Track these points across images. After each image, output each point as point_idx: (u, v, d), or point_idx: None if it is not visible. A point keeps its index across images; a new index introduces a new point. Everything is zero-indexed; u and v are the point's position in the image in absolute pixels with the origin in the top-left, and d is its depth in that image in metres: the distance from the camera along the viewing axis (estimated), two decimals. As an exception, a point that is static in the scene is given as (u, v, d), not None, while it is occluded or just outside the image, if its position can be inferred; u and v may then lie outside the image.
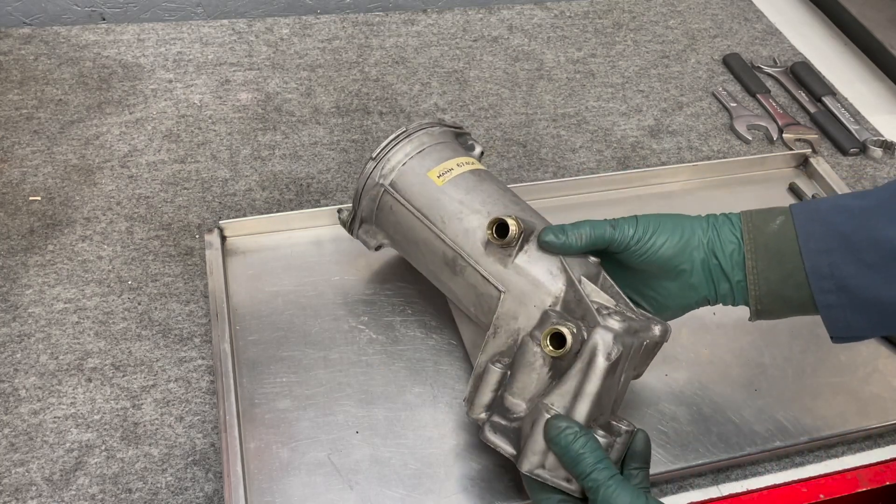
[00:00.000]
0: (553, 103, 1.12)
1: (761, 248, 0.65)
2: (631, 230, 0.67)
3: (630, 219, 0.68)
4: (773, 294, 0.66)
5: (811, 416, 0.77)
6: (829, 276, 0.63)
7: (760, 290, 0.66)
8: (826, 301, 0.64)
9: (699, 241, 0.67)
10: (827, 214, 0.64)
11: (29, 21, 1.19)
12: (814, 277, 0.63)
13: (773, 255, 0.65)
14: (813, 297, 0.64)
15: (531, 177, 1.00)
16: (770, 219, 0.66)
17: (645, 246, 0.67)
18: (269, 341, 0.79)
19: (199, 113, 1.05)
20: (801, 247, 0.64)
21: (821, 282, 0.63)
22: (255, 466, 0.70)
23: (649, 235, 0.67)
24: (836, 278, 0.63)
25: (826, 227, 0.64)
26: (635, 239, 0.67)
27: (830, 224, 0.64)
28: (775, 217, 0.66)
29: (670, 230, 0.67)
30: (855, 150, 1.08)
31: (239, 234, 0.88)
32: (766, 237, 0.65)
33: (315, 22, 1.22)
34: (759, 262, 0.65)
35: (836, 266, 0.63)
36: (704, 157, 1.06)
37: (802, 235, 0.64)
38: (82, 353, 0.78)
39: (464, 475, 0.70)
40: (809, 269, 0.63)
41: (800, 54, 1.25)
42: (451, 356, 0.79)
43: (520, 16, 1.28)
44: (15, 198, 0.92)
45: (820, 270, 0.63)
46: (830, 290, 0.63)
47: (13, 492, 0.68)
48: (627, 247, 0.67)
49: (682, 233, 0.67)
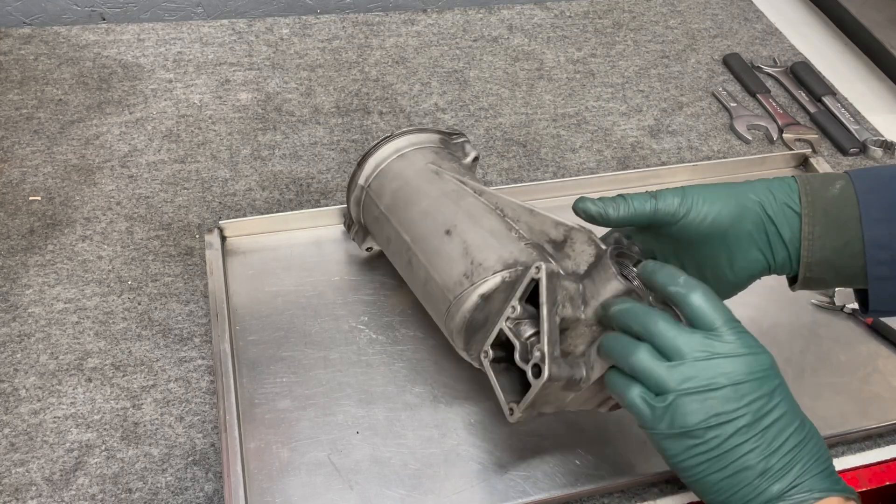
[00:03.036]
0: (553, 103, 1.12)
1: (819, 212, 0.62)
2: (677, 200, 0.62)
3: (675, 189, 0.64)
4: (826, 262, 0.62)
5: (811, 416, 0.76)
6: (887, 245, 0.60)
7: (814, 258, 0.62)
8: (878, 273, 0.61)
9: (755, 208, 0.63)
10: (890, 181, 0.62)
11: (29, 21, 1.19)
12: (871, 247, 0.61)
13: (831, 220, 0.62)
14: (864, 267, 0.61)
15: (531, 177, 1.00)
16: (829, 183, 0.63)
17: (699, 216, 0.62)
18: (269, 341, 0.79)
19: (199, 113, 1.05)
20: (862, 214, 0.61)
21: (878, 252, 0.61)
22: (255, 466, 0.70)
23: (700, 204, 0.62)
24: (893, 249, 0.60)
25: (889, 194, 0.61)
26: (684, 209, 0.62)
27: (893, 192, 0.61)
28: (835, 181, 0.63)
29: (723, 198, 0.62)
30: (855, 150, 1.08)
31: (239, 234, 0.88)
32: (825, 202, 0.62)
33: (315, 22, 1.22)
34: (816, 228, 0.62)
35: (895, 236, 0.60)
36: (704, 157, 1.06)
37: (863, 202, 0.61)
38: (82, 353, 0.78)
39: (464, 475, 0.70)
40: (868, 238, 0.61)
41: (800, 54, 1.25)
42: (451, 356, 0.79)
43: (520, 16, 1.28)
44: (15, 198, 0.92)
45: (879, 240, 0.60)
46: (885, 261, 0.61)
47: (13, 492, 0.68)
48: (676, 218, 0.63)
49: (738, 200, 0.62)
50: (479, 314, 0.67)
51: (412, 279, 0.74)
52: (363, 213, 0.80)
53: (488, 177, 1.00)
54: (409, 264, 0.73)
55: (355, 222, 0.82)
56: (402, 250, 0.74)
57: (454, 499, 0.69)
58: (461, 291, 0.67)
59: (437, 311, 0.71)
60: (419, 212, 0.73)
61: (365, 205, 0.79)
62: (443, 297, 0.69)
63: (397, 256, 0.76)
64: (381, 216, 0.77)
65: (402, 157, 0.78)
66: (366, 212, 0.80)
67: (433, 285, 0.70)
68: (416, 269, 0.72)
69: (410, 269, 0.73)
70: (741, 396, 0.54)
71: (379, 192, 0.77)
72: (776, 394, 0.56)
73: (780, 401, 0.56)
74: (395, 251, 0.76)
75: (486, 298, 0.66)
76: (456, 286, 0.68)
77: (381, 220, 0.77)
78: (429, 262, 0.71)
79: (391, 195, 0.76)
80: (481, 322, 0.67)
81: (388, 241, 0.77)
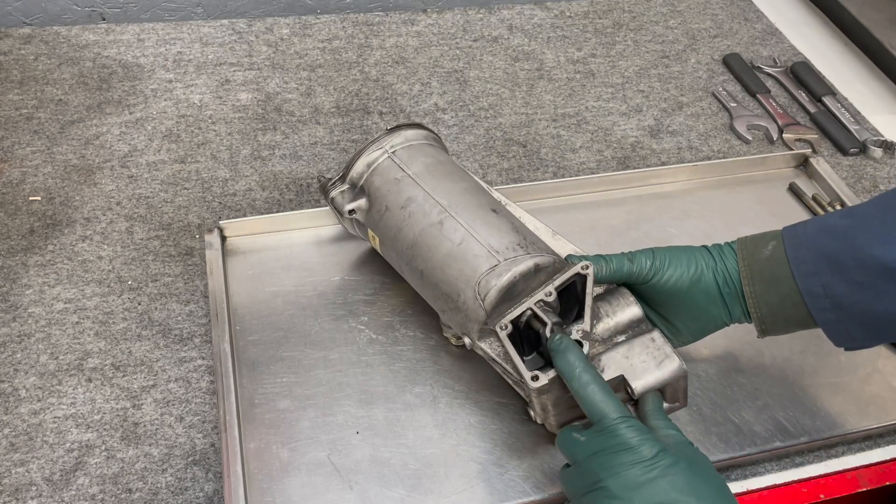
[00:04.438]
0: (553, 103, 1.12)
1: (756, 274, 0.68)
2: (648, 262, 0.70)
3: (647, 251, 0.71)
4: (775, 315, 0.69)
5: (811, 416, 0.77)
6: (822, 295, 0.66)
7: (762, 312, 0.69)
8: (825, 318, 0.67)
9: (710, 271, 0.70)
10: (814, 237, 0.67)
11: (29, 21, 1.19)
12: (809, 298, 0.67)
13: (767, 280, 0.68)
14: (811, 314, 0.67)
15: (531, 177, 1.00)
16: (763, 245, 0.69)
17: (663, 278, 0.69)
18: (269, 341, 0.79)
19: (199, 113, 1.05)
20: (793, 271, 0.67)
21: (816, 301, 0.66)
22: (255, 466, 0.70)
23: (666, 267, 0.70)
24: (830, 297, 0.65)
25: (814, 249, 0.66)
26: (652, 272, 0.69)
27: (818, 246, 0.66)
28: (767, 243, 0.69)
29: (685, 262, 0.70)
30: (855, 150, 1.08)
31: (239, 234, 0.88)
32: (759, 264, 0.68)
33: (315, 22, 1.22)
34: (755, 287, 0.68)
35: (827, 286, 0.65)
36: (704, 157, 1.06)
37: (793, 260, 0.67)
38: (82, 353, 0.78)
39: (464, 475, 0.70)
40: (804, 291, 0.67)
41: (800, 54, 1.25)
42: (451, 356, 0.79)
43: (520, 16, 1.28)
44: (15, 198, 0.92)
45: (813, 291, 0.66)
46: (827, 308, 0.66)
47: (13, 492, 0.68)
48: (646, 280, 0.70)
49: (697, 264, 0.70)
50: (521, 283, 0.68)
51: (437, 239, 0.73)
52: (371, 175, 0.78)
53: (488, 177, 1.00)
54: (438, 224, 0.73)
55: (347, 182, 0.80)
56: (432, 212, 0.73)
57: (454, 499, 0.69)
58: (515, 256, 0.69)
59: (469, 271, 0.70)
60: (460, 188, 0.76)
61: (380, 168, 0.78)
62: (486, 256, 0.70)
63: (419, 217, 0.74)
64: (406, 179, 0.76)
65: (431, 146, 0.80)
66: (377, 174, 0.78)
67: (472, 246, 0.71)
68: (448, 231, 0.72)
69: (440, 228, 0.73)
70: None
71: (407, 161, 0.77)
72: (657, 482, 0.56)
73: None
74: (418, 212, 0.74)
75: (536, 269, 0.69)
76: (507, 250, 0.70)
77: (404, 183, 0.76)
78: (471, 226, 0.72)
79: (424, 166, 0.77)
80: (517, 292, 0.69)
81: (408, 202, 0.75)
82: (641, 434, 0.57)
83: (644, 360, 0.66)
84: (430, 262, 0.73)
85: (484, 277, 0.68)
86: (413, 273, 0.75)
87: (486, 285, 0.68)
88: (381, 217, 0.77)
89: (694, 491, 0.55)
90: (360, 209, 0.78)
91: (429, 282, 0.73)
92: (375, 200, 0.77)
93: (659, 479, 0.55)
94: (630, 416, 0.59)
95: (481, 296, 0.68)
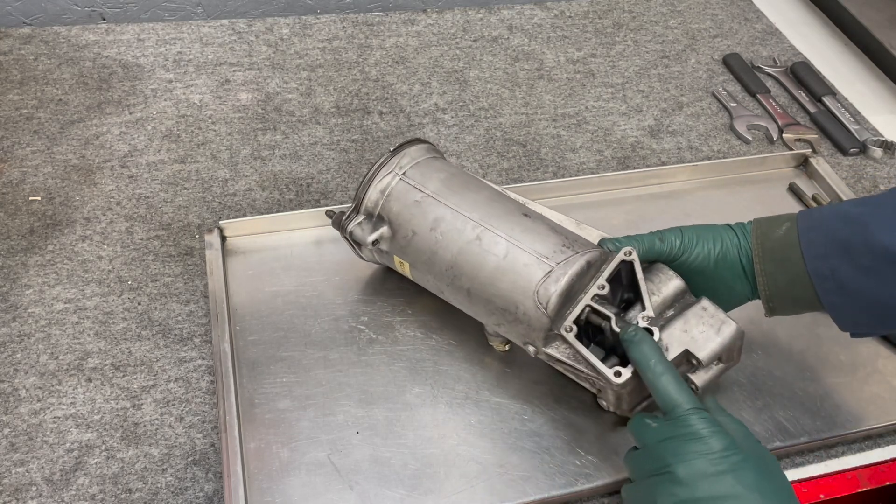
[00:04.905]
0: (553, 103, 1.12)
1: (768, 252, 0.70)
2: (677, 241, 0.72)
3: (675, 230, 0.73)
4: (783, 294, 0.70)
5: (811, 416, 0.77)
6: (829, 278, 0.67)
7: (770, 291, 0.70)
8: (831, 301, 0.68)
9: (734, 248, 0.71)
10: (828, 221, 0.68)
11: (29, 21, 1.19)
12: (816, 279, 0.68)
13: (778, 259, 0.69)
14: (818, 296, 0.68)
15: (531, 177, 1.00)
16: (777, 225, 0.71)
17: (691, 256, 0.71)
18: (269, 341, 0.79)
19: (199, 113, 1.05)
20: (804, 252, 0.68)
21: (823, 283, 0.67)
22: (255, 466, 0.70)
23: (693, 245, 0.71)
24: (837, 280, 0.67)
25: (826, 233, 0.68)
26: (682, 250, 0.71)
27: (830, 230, 0.68)
28: (782, 224, 0.71)
29: (711, 240, 0.72)
30: (855, 150, 1.08)
31: (239, 234, 0.88)
32: (772, 243, 0.70)
33: (315, 22, 1.22)
34: (766, 266, 0.70)
35: (835, 269, 0.66)
36: (704, 157, 1.06)
37: (804, 241, 0.68)
38: (82, 353, 0.78)
39: (464, 475, 0.70)
40: (812, 273, 0.68)
41: (800, 54, 1.25)
42: (451, 356, 0.79)
43: (520, 16, 1.28)
44: (15, 198, 0.92)
45: (821, 273, 0.67)
46: (832, 290, 0.67)
47: (13, 492, 0.68)
48: (675, 257, 0.71)
49: (722, 241, 0.72)
50: (576, 283, 0.69)
51: (479, 255, 0.72)
52: (387, 202, 0.76)
53: (488, 177, 1.00)
54: (476, 240, 0.72)
55: (362, 213, 0.78)
56: (466, 228, 0.73)
57: (454, 499, 0.69)
58: (565, 258, 0.69)
59: (523, 281, 0.70)
60: (484, 197, 0.75)
61: (396, 192, 0.76)
62: (537, 264, 0.70)
63: (453, 236, 0.73)
64: (426, 199, 0.75)
65: (436, 158, 0.80)
66: (393, 199, 0.76)
67: (519, 255, 0.70)
68: (489, 244, 0.72)
69: (479, 244, 0.72)
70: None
71: (422, 181, 0.76)
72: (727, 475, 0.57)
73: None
74: (451, 231, 0.73)
75: (588, 266, 0.69)
76: (556, 254, 0.70)
77: (426, 203, 0.75)
78: (511, 236, 0.72)
79: (440, 182, 0.76)
80: (573, 292, 0.69)
81: (437, 222, 0.74)
82: (711, 426, 0.59)
83: (702, 330, 0.68)
84: (476, 280, 0.72)
85: (541, 285, 0.69)
86: (457, 292, 0.74)
87: (546, 293, 0.68)
88: (409, 242, 0.75)
89: (759, 488, 0.56)
90: (383, 238, 0.77)
91: (479, 299, 0.72)
92: (399, 227, 0.76)
93: (727, 473, 0.57)
94: (702, 409, 0.60)
95: (542, 304, 0.68)
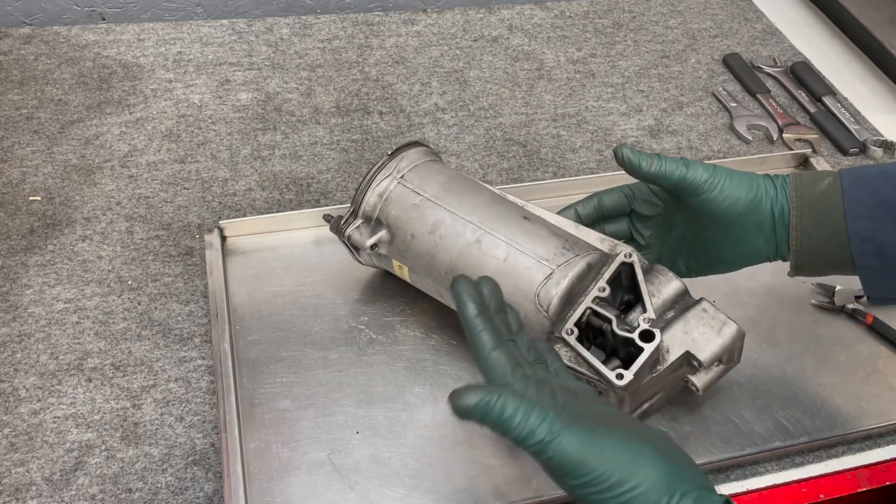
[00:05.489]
0: (553, 103, 1.12)
1: (807, 206, 0.67)
2: (705, 174, 0.66)
3: (706, 164, 0.68)
4: (814, 251, 0.67)
5: (811, 416, 0.77)
6: (870, 238, 0.65)
7: (802, 247, 0.67)
8: (865, 262, 0.66)
9: (768, 200, 0.67)
10: (874, 180, 0.66)
11: (29, 21, 1.19)
12: (855, 239, 0.65)
13: (817, 214, 0.66)
14: (852, 257, 0.66)
15: (531, 177, 1.00)
16: (818, 179, 0.67)
17: (721, 195, 0.66)
18: (269, 341, 0.79)
19: (199, 113, 1.05)
20: (846, 209, 0.65)
21: (861, 244, 0.65)
22: (255, 466, 0.70)
23: (724, 184, 0.67)
24: (877, 241, 0.64)
25: (872, 192, 0.65)
26: (709, 184, 0.66)
27: (876, 190, 0.65)
28: (824, 178, 0.67)
29: (746, 185, 0.67)
30: (855, 150, 1.08)
31: (239, 234, 0.88)
32: (812, 196, 0.67)
33: (315, 22, 1.22)
34: (803, 220, 0.67)
35: (877, 230, 0.64)
36: (704, 157, 1.06)
37: (848, 199, 0.65)
38: (82, 353, 0.78)
39: (464, 475, 0.70)
40: (851, 231, 0.65)
41: (800, 54, 1.25)
42: (451, 356, 0.79)
43: (520, 16, 1.28)
44: (15, 198, 0.92)
45: (861, 233, 0.65)
46: (870, 252, 0.65)
47: (13, 492, 0.68)
48: (701, 191, 0.67)
49: (758, 189, 0.67)
50: (577, 286, 0.69)
51: (479, 258, 0.72)
52: (386, 205, 0.76)
53: (488, 177, 1.00)
54: (476, 243, 0.72)
55: (360, 217, 0.77)
56: (465, 231, 0.73)
57: (454, 499, 0.69)
58: (566, 260, 0.69)
59: (524, 284, 0.70)
60: (484, 200, 0.75)
61: (394, 196, 0.76)
62: (538, 267, 0.70)
63: (453, 239, 0.73)
64: (425, 203, 0.75)
65: (434, 161, 0.80)
66: (392, 203, 0.76)
67: (520, 258, 0.70)
68: (489, 248, 0.72)
69: (479, 247, 0.72)
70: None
71: (420, 184, 0.76)
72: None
73: None
74: (451, 234, 0.73)
75: (589, 268, 0.69)
76: (556, 256, 0.70)
77: (424, 207, 0.75)
78: (511, 239, 0.72)
79: (439, 185, 0.76)
80: (574, 295, 0.69)
81: (436, 226, 0.74)
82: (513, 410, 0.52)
83: (703, 331, 0.68)
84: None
85: (542, 288, 0.69)
86: None
87: (547, 296, 0.68)
88: (408, 246, 0.75)
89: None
90: (381, 242, 0.77)
91: None
92: (397, 230, 0.76)
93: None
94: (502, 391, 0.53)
95: (543, 307, 0.69)
